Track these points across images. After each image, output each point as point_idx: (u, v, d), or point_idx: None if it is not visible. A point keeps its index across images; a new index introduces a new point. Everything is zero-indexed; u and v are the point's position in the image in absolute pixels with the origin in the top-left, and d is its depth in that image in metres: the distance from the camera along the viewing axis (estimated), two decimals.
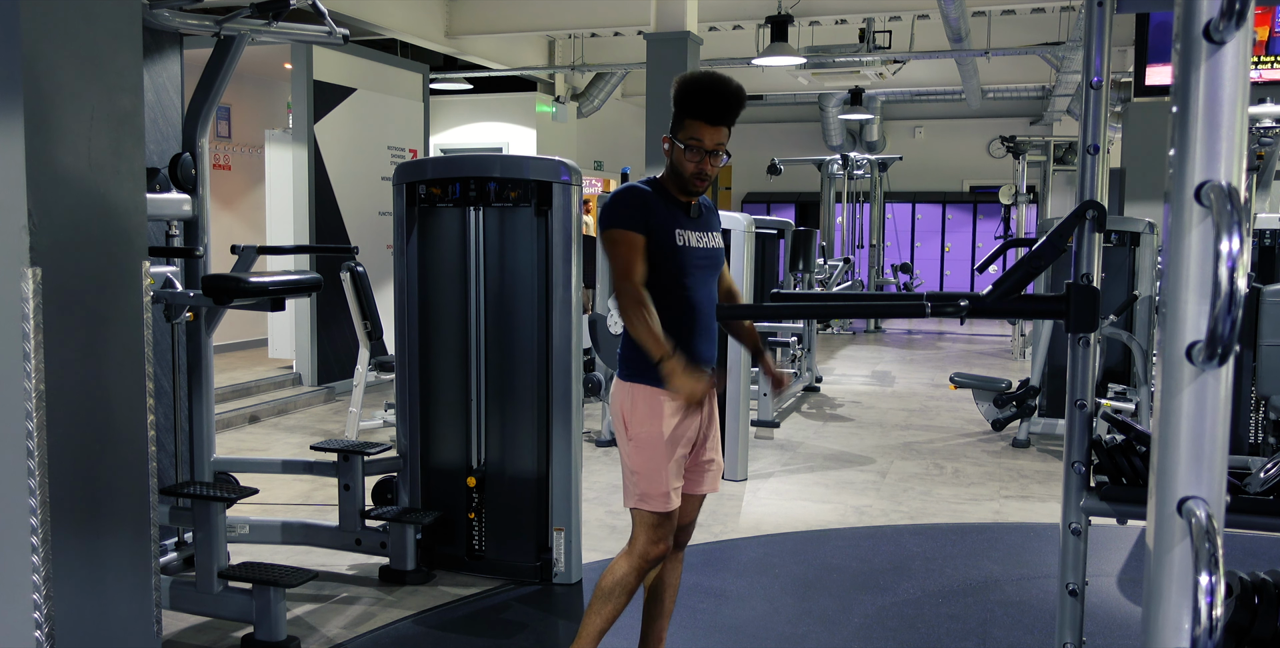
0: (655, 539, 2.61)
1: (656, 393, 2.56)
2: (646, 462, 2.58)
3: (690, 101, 2.56)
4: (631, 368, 2.61)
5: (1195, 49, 1.27)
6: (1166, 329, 1.31)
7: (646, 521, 2.61)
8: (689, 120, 2.56)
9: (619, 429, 2.65)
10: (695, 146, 2.56)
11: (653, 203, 2.59)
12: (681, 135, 2.57)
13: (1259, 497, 2.05)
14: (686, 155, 2.57)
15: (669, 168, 2.63)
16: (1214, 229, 1.22)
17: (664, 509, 2.59)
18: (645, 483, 2.59)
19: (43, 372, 1.87)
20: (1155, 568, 1.32)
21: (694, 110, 2.56)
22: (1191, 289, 1.27)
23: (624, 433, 2.62)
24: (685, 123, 2.57)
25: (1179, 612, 1.30)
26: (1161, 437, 1.32)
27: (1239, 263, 1.18)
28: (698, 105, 2.55)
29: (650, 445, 2.57)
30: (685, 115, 2.57)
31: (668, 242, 2.57)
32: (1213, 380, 1.28)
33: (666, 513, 2.60)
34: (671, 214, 2.60)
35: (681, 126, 2.57)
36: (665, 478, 2.57)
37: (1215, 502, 1.28)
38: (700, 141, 2.56)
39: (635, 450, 2.59)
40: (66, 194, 1.93)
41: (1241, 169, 1.28)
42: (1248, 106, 1.28)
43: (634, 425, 2.59)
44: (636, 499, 2.60)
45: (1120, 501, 2.11)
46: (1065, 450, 2.17)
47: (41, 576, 1.88)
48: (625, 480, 2.66)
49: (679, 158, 2.59)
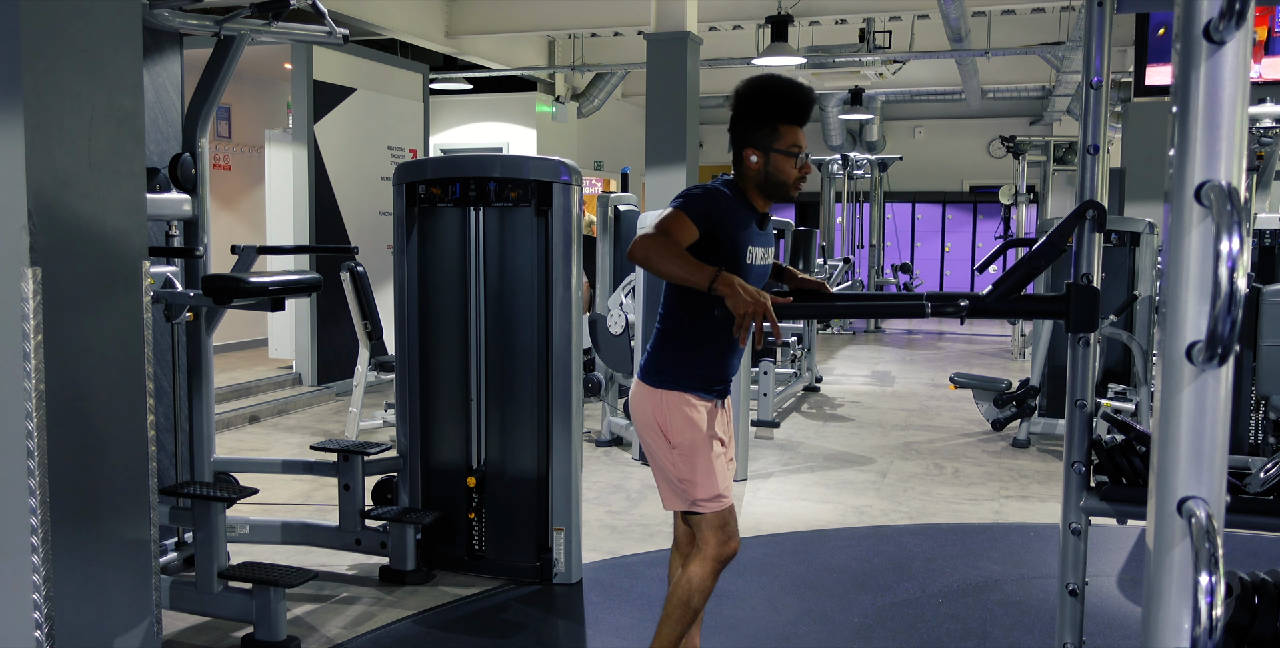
0: (725, 539, 2.59)
1: (688, 398, 2.54)
2: (696, 467, 2.55)
3: (778, 108, 2.52)
4: (662, 375, 2.57)
5: (1195, 49, 1.27)
6: (1166, 329, 1.31)
7: (712, 522, 2.58)
8: (783, 126, 2.52)
9: (655, 439, 2.59)
10: (796, 152, 2.53)
11: (732, 212, 2.52)
12: (781, 143, 2.52)
13: (1259, 497, 2.05)
14: (787, 163, 2.53)
15: (756, 179, 2.56)
16: (1214, 229, 1.22)
17: (724, 506, 2.58)
18: (700, 488, 2.56)
19: (43, 372, 1.87)
20: (1155, 568, 1.32)
21: (786, 115, 2.52)
22: (1191, 289, 1.27)
23: (664, 442, 2.58)
24: (781, 130, 2.52)
25: (1179, 612, 1.30)
26: (1161, 437, 1.32)
27: (1239, 263, 1.18)
28: (788, 110, 2.51)
29: (697, 450, 2.55)
30: (777, 121, 2.52)
31: (739, 260, 2.51)
32: (1213, 380, 1.28)
33: (728, 511, 2.59)
34: (748, 228, 2.55)
35: (776, 135, 2.52)
36: (716, 479, 2.55)
37: (1215, 502, 1.28)
38: (801, 146, 2.54)
39: (682, 459, 2.56)
40: (67, 194, 1.93)
41: (1241, 169, 1.28)
42: (1248, 106, 1.28)
43: (674, 433, 2.56)
44: (691, 504, 2.58)
45: (1120, 501, 2.11)
46: (1065, 450, 2.17)
47: (41, 576, 1.88)
48: (669, 487, 2.62)
49: (778, 167, 2.54)
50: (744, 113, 2.56)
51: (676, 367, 2.55)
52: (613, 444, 6.10)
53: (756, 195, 2.59)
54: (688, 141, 8.16)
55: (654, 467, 2.67)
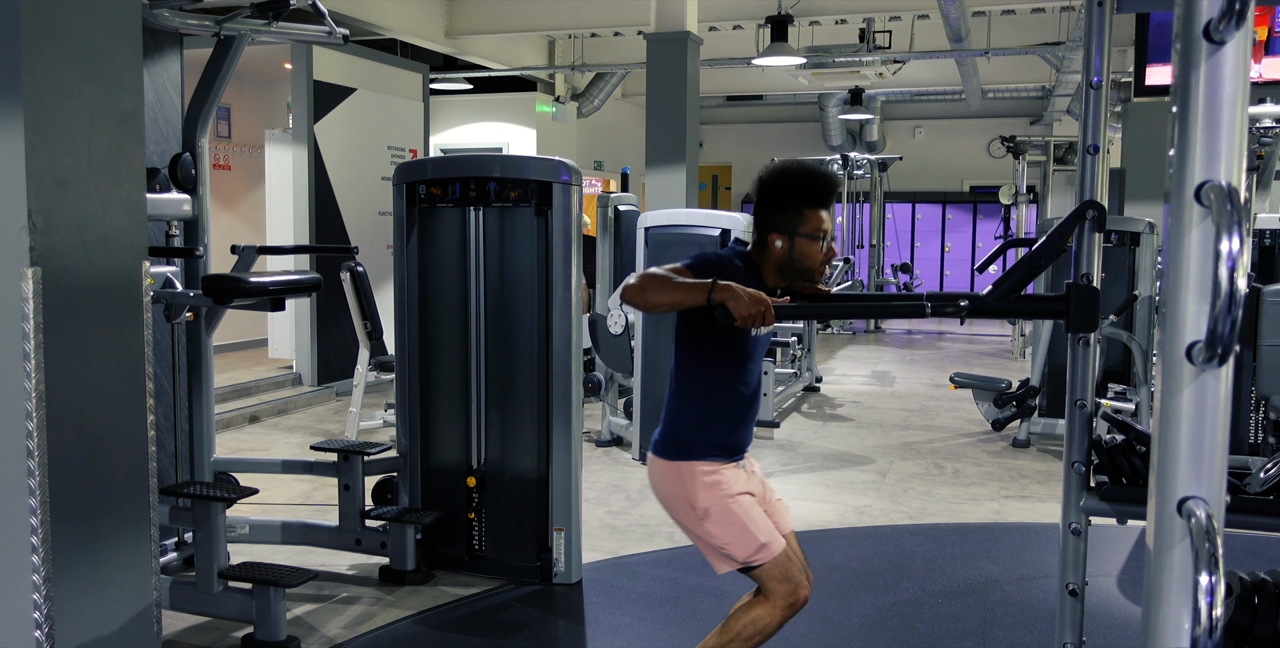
0: (792, 589, 2.54)
1: (705, 466, 2.53)
2: (729, 527, 2.52)
3: (802, 192, 2.52)
4: (675, 447, 2.55)
5: (1195, 49, 1.27)
6: (1166, 329, 1.31)
7: (772, 575, 2.54)
8: (808, 210, 2.52)
9: (683, 511, 2.57)
10: (821, 236, 2.53)
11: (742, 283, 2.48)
12: (806, 228, 2.52)
13: (1259, 497, 2.05)
14: (813, 247, 2.53)
15: (780, 263, 2.56)
16: (1214, 229, 1.22)
17: (775, 553, 2.53)
18: (740, 547, 2.52)
19: (43, 371, 1.87)
20: (1155, 568, 1.32)
21: (809, 199, 2.52)
22: (1191, 289, 1.27)
23: (691, 513, 2.55)
24: (805, 214, 2.52)
25: (1179, 612, 1.30)
26: (1161, 437, 1.32)
27: (1239, 263, 1.18)
28: (811, 194, 2.52)
29: (725, 511, 2.52)
30: (802, 206, 2.52)
31: (743, 332, 2.51)
32: (1213, 380, 1.28)
33: (781, 555, 2.55)
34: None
35: (801, 219, 2.52)
36: (754, 532, 2.52)
37: (1215, 502, 1.28)
38: (827, 230, 2.54)
39: (713, 524, 2.53)
40: (67, 194, 1.93)
41: (1241, 169, 1.28)
42: (1248, 106, 1.28)
43: (699, 501, 2.53)
44: (741, 564, 2.54)
45: (1120, 500, 2.11)
46: (1065, 450, 2.17)
47: (41, 576, 1.88)
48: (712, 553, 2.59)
49: (803, 252, 2.53)
50: (767, 198, 2.56)
51: (690, 437, 2.53)
52: (613, 444, 6.10)
53: (773, 275, 2.58)
54: (688, 141, 8.17)
55: (690, 538, 2.64)
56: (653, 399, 5.51)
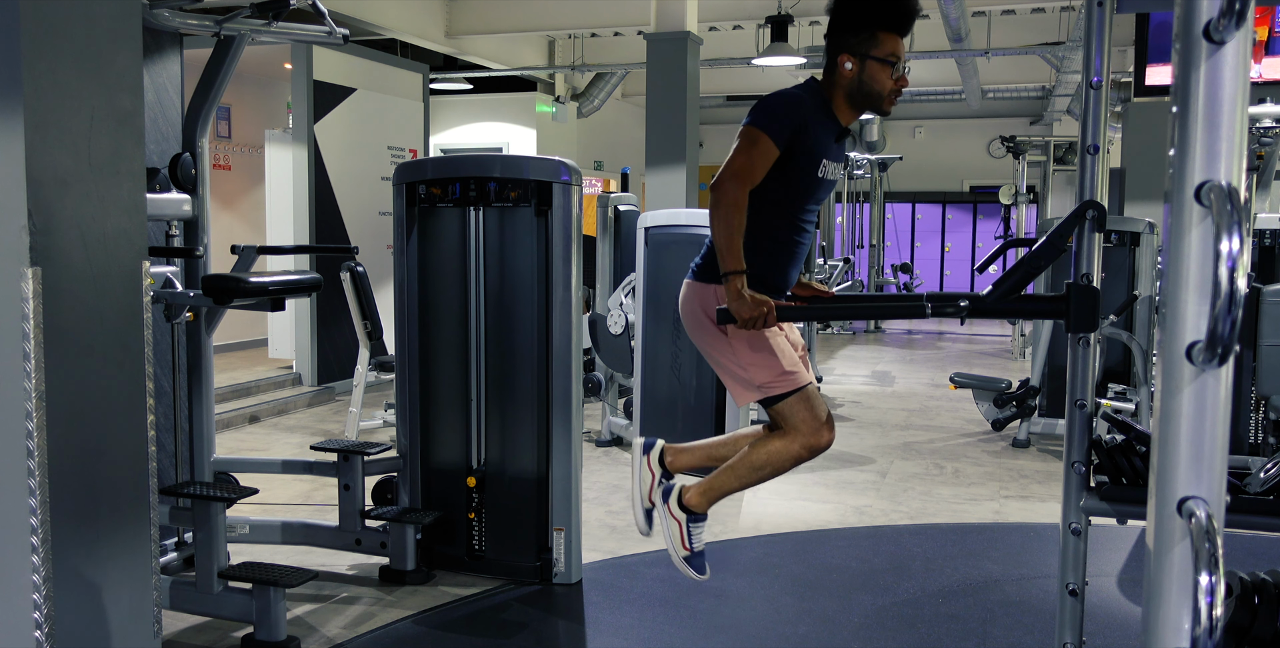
0: (816, 426, 2.43)
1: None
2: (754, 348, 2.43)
3: (881, 13, 2.41)
4: (716, 271, 2.43)
5: (1195, 49, 1.27)
6: (1166, 329, 1.31)
7: (795, 406, 2.43)
8: (883, 34, 2.41)
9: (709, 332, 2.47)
10: (894, 61, 2.43)
11: (812, 123, 2.42)
12: (879, 51, 2.41)
13: (1259, 497, 2.05)
14: (884, 72, 2.42)
15: (849, 88, 2.45)
16: (1214, 229, 1.23)
17: (799, 385, 2.42)
18: (762, 370, 2.42)
19: (43, 371, 1.87)
20: (1155, 568, 1.32)
21: (887, 22, 2.41)
22: (1191, 289, 1.27)
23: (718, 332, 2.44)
24: (879, 37, 2.41)
25: (1179, 612, 1.30)
26: (1161, 437, 1.32)
27: (1239, 263, 1.18)
28: (891, 16, 2.41)
29: (756, 335, 2.42)
30: (877, 28, 2.41)
31: (811, 171, 2.42)
32: (1213, 380, 1.28)
33: (807, 389, 2.43)
34: (826, 141, 2.45)
35: (874, 42, 2.41)
36: (779, 359, 2.42)
37: (1215, 502, 1.28)
38: (900, 56, 2.43)
39: (741, 345, 2.43)
40: (67, 194, 1.93)
41: (1241, 169, 1.28)
42: (1248, 106, 1.28)
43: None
44: (759, 389, 2.44)
45: (1120, 500, 2.11)
46: (1065, 450, 2.17)
47: (41, 576, 1.88)
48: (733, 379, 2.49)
49: (873, 76, 2.43)
50: (843, 17, 2.46)
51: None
52: (613, 444, 6.10)
53: (844, 106, 2.49)
54: (688, 141, 8.17)
55: (715, 366, 2.55)
56: (653, 399, 5.51)
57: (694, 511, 2.68)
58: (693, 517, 2.68)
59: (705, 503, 2.66)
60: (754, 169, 2.36)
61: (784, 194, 2.45)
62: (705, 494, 2.64)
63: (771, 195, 2.43)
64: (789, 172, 2.43)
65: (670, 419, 5.42)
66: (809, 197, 2.50)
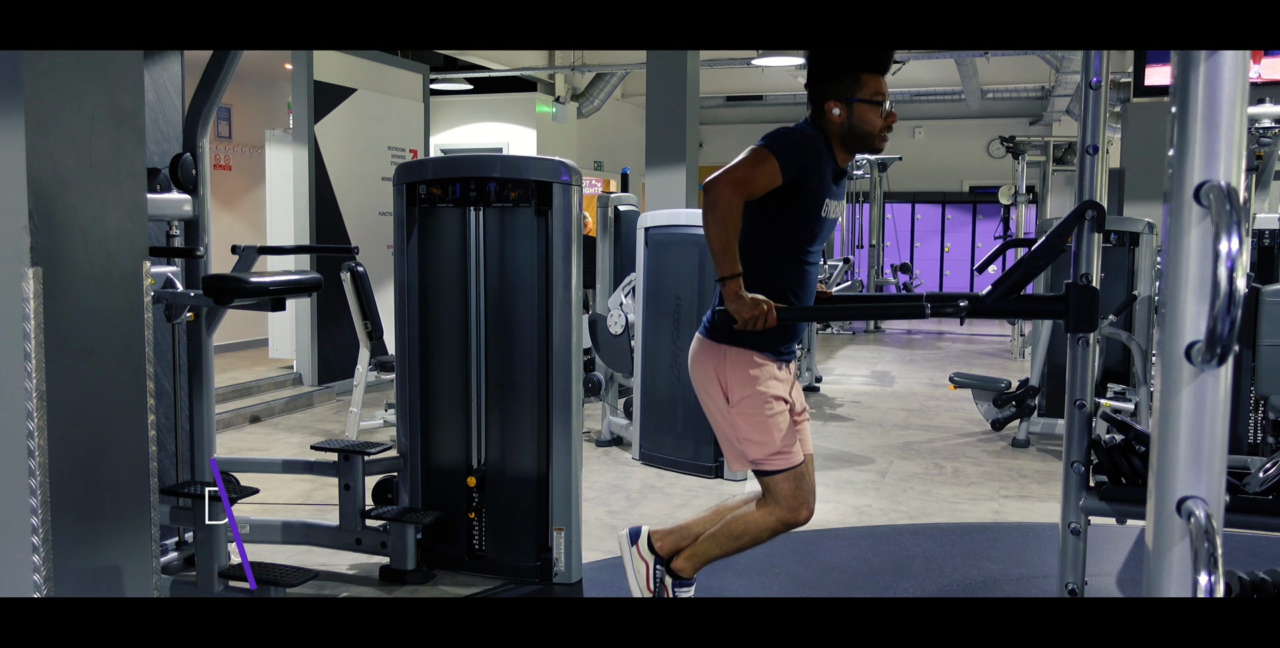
0: (796, 504, 2.52)
1: (753, 356, 2.49)
2: (754, 425, 2.50)
3: (863, 57, 2.46)
4: (727, 330, 2.49)
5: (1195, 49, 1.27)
6: (1166, 329, 1.31)
7: (780, 483, 2.51)
8: (866, 75, 2.47)
9: (714, 395, 2.55)
10: (881, 101, 2.48)
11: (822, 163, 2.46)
12: (864, 93, 2.47)
13: (1258, 496, 2.05)
14: (872, 112, 2.48)
15: (840, 133, 2.50)
16: (1213, 229, 1.23)
17: (790, 464, 2.51)
18: (757, 447, 2.50)
19: (44, 371, 1.87)
20: (1154, 568, 1.32)
21: (870, 64, 2.47)
22: (1191, 289, 1.27)
23: (722, 399, 2.53)
24: (863, 79, 2.47)
25: None
26: (1161, 437, 1.32)
27: (1238, 263, 1.18)
28: (871, 58, 2.47)
29: (755, 408, 2.50)
30: (859, 71, 2.47)
31: (814, 210, 2.47)
32: (1212, 380, 1.28)
33: (797, 469, 2.51)
34: (828, 180, 2.49)
35: (859, 84, 2.47)
36: (774, 436, 2.50)
37: (1214, 501, 1.28)
38: (885, 94, 2.48)
39: (740, 417, 2.51)
40: (67, 194, 1.93)
41: (1241, 169, 1.28)
42: (1247, 107, 1.28)
43: (734, 390, 2.51)
44: (752, 463, 2.52)
45: (1119, 500, 2.11)
46: (1065, 450, 2.18)
47: (42, 575, 1.89)
48: (729, 447, 2.58)
49: (862, 117, 2.48)
50: (822, 65, 2.51)
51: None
52: (613, 444, 6.10)
53: (839, 149, 2.53)
54: (688, 142, 8.17)
55: (713, 426, 2.62)
56: (653, 399, 5.51)
57: (681, 575, 2.83)
58: (679, 581, 2.84)
59: (691, 568, 2.82)
60: (753, 184, 2.39)
61: (788, 234, 2.48)
62: (691, 560, 2.80)
63: (774, 234, 2.47)
64: (794, 211, 2.46)
65: (670, 419, 5.43)
66: (813, 236, 2.54)
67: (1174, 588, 1.30)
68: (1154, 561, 1.33)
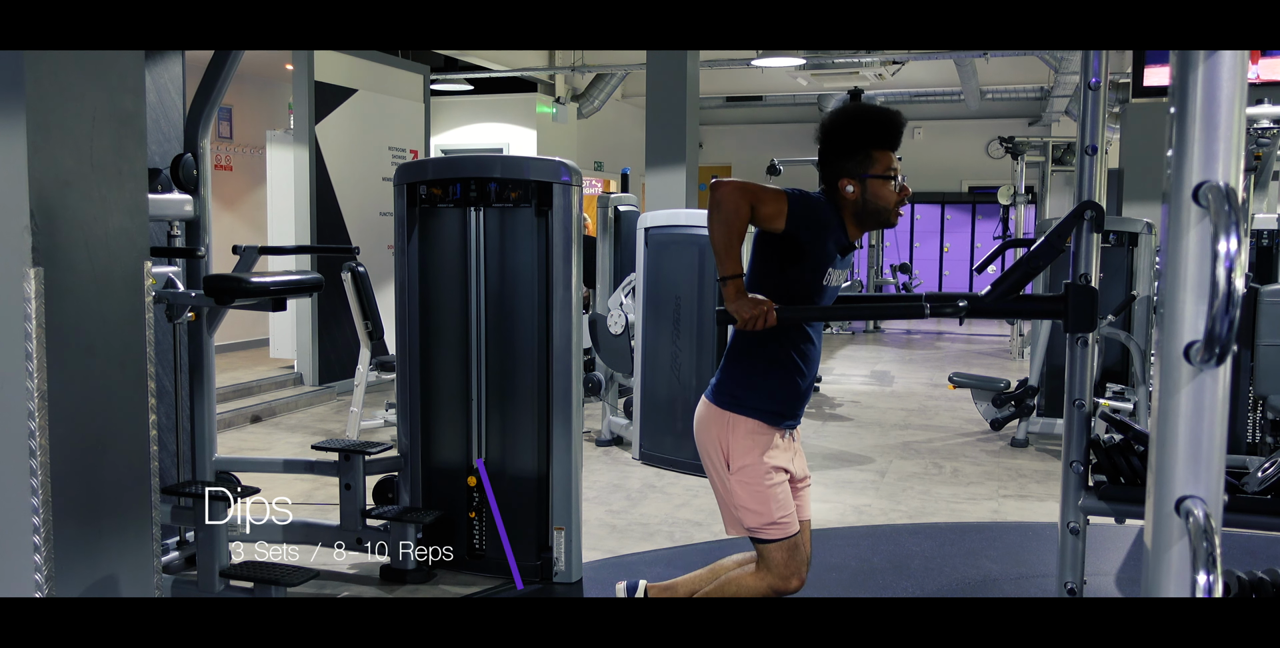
0: (788, 573, 2.56)
1: (756, 425, 2.53)
2: (752, 494, 2.54)
3: (873, 134, 2.51)
4: (734, 398, 2.54)
5: (1193, 49, 1.27)
6: (1164, 329, 1.31)
7: (773, 551, 2.56)
8: (877, 152, 2.50)
9: (716, 461, 2.59)
10: (893, 176, 2.51)
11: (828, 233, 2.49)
12: (877, 169, 2.50)
13: (1257, 496, 2.06)
14: (886, 188, 2.51)
15: (854, 209, 2.53)
16: (1212, 229, 1.23)
17: (784, 535, 2.55)
18: (754, 516, 2.54)
19: (45, 371, 1.87)
20: (1153, 567, 1.33)
21: (880, 141, 2.50)
22: (1189, 289, 1.28)
23: (724, 466, 2.57)
24: (875, 156, 2.50)
25: None
26: (1159, 436, 1.32)
27: (1237, 263, 1.19)
28: (883, 136, 2.50)
29: (756, 479, 2.54)
30: (871, 148, 2.50)
31: (816, 280, 2.50)
32: (1210, 380, 1.28)
33: (792, 539, 2.56)
34: (834, 251, 2.53)
35: (871, 161, 2.50)
36: (771, 506, 2.54)
37: (1213, 501, 1.29)
38: (897, 170, 2.52)
39: (739, 485, 2.55)
40: (69, 195, 1.93)
41: (1239, 170, 1.28)
42: (1245, 107, 1.28)
43: (735, 458, 2.55)
44: (747, 530, 2.58)
45: (1118, 500, 2.12)
46: (1064, 450, 2.18)
47: (44, 575, 1.89)
48: (726, 511, 2.63)
49: (876, 193, 2.51)
50: (834, 143, 2.53)
51: (750, 390, 2.52)
52: (613, 444, 6.10)
53: (851, 224, 2.56)
54: (688, 142, 8.17)
55: (713, 489, 2.66)
56: (652, 399, 5.52)
57: None
58: None
59: None
60: (760, 200, 2.39)
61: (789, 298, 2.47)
62: None
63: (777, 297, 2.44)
64: (795, 275, 2.47)
65: (670, 419, 5.43)
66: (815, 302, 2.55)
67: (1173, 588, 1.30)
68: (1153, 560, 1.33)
